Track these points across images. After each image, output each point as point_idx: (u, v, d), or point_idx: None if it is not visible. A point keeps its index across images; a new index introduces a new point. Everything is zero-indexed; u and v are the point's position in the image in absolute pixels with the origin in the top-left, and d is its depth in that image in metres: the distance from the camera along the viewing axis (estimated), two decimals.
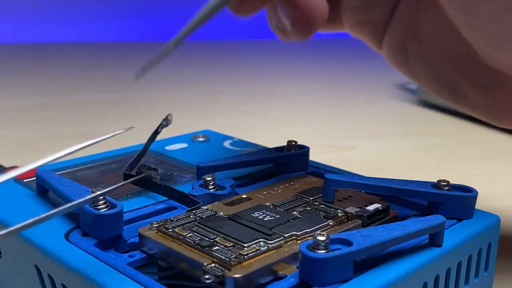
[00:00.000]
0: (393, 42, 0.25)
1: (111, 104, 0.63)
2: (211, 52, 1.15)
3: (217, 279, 0.16)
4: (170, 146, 0.31)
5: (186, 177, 0.26)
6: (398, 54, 0.25)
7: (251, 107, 0.64)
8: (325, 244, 0.16)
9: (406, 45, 0.25)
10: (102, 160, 0.28)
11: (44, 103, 0.64)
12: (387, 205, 0.21)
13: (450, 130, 0.54)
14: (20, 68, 0.92)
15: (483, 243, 0.21)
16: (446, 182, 0.21)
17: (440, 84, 0.25)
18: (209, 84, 0.79)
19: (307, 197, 0.22)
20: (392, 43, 0.25)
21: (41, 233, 0.19)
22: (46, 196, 0.23)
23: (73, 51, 1.12)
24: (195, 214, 0.20)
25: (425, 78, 0.25)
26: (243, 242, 0.18)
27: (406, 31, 0.25)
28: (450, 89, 0.24)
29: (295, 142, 0.27)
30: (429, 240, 0.19)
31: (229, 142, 0.32)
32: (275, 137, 0.50)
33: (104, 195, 0.19)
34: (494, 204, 0.34)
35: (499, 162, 0.44)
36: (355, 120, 0.58)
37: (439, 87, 0.25)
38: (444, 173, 0.41)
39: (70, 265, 0.17)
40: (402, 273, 0.17)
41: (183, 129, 0.35)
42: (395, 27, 0.25)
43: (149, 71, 0.17)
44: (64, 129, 0.52)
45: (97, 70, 0.90)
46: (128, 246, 0.20)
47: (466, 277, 0.21)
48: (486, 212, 0.22)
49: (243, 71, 0.92)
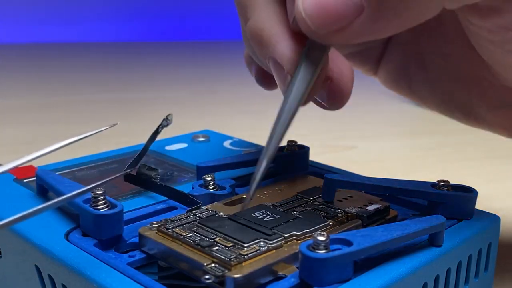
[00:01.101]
0: (392, 69, 0.25)
1: (111, 104, 0.63)
2: (211, 52, 1.15)
3: (217, 279, 0.16)
4: (170, 146, 0.31)
5: (186, 177, 0.26)
6: (399, 80, 0.25)
7: (251, 107, 0.64)
8: (325, 244, 0.16)
9: (408, 71, 0.24)
10: (102, 160, 0.28)
11: (44, 103, 0.64)
12: (387, 205, 0.21)
13: (450, 130, 0.54)
14: (20, 68, 0.92)
15: (483, 243, 0.21)
16: (446, 182, 0.21)
17: (450, 105, 0.24)
18: (210, 84, 0.79)
19: (307, 197, 0.22)
20: (391, 70, 0.25)
21: (41, 233, 0.19)
22: (46, 196, 0.23)
23: (73, 51, 1.12)
24: (195, 214, 0.20)
25: (432, 101, 0.25)
26: (243, 242, 0.18)
27: (407, 58, 0.24)
28: (463, 111, 0.24)
29: (295, 142, 0.27)
30: (429, 240, 0.19)
31: (229, 142, 0.32)
32: None
33: (98, 187, 0.19)
34: (494, 204, 0.34)
35: (499, 162, 0.44)
36: (355, 120, 0.58)
37: (448, 108, 0.24)
38: (444, 173, 0.41)
39: (70, 265, 0.17)
40: (402, 273, 0.17)
41: (183, 129, 0.35)
42: (393, 55, 0.25)
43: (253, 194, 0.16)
44: (64, 129, 0.52)
45: (97, 70, 0.90)
46: (128, 246, 0.20)
47: (466, 277, 0.21)
48: (486, 212, 0.22)
49: (243, 71, 0.91)
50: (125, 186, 0.24)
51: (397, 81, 0.25)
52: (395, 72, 0.25)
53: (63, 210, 0.21)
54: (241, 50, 0.24)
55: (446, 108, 0.25)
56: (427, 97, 0.25)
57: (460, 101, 0.24)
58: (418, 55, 0.24)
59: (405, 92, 0.26)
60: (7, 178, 0.25)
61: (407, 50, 0.24)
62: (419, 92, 0.25)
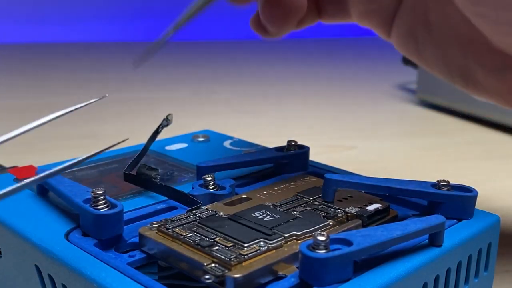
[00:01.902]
0: (403, 30, 0.25)
1: (111, 104, 0.63)
2: (211, 52, 1.15)
3: (217, 279, 0.16)
4: (170, 146, 0.31)
5: (186, 177, 0.26)
6: (408, 41, 0.25)
7: (251, 107, 0.64)
8: (325, 244, 0.16)
9: (415, 32, 0.25)
10: (102, 160, 0.28)
11: (44, 103, 0.64)
12: (387, 205, 0.21)
13: (450, 130, 0.54)
14: (20, 68, 0.92)
15: (483, 243, 0.21)
16: (446, 182, 0.21)
17: (451, 69, 0.24)
18: (209, 84, 0.79)
19: (307, 197, 0.22)
20: (401, 31, 0.25)
21: (41, 233, 0.19)
22: (46, 196, 0.23)
23: (73, 51, 1.12)
24: (195, 214, 0.20)
25: (436, 64, 0.25)
26: (243, 242, 0.18)
27: (415, 18, 0.25)
28: (461, 74, 0.24)
29: (295, 142, 0.27)
30: (429, 240, 0.19)
31: (229, 142, 0.32)
32: (275, 137, 0.50)
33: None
34: (494, 204, 0.34)
35: (499, 162, 0.44)
36: (355, 120, 0.58)
37: (450, 72, 0.25)
38: (444, 173, 0.41)
39: (70, 265, 0.17)
40: (402, 273, 0.17)
41: (183, 129, 0.35)
42: (404, 15, 0.25)
43: (146, 60, 0.17)
44: (64, 129, 0.52)
45: (96, 70, 0.90)
46: (128, 246, 0.20)
47: (466, 277, 0.21)
48: (486, 212, 0.22)
49: (243, 71, 0.92)
50: (125, 186, 0.24)
51: (407, 43, 0.26)
52: (405, 33, 0.25)
53: (63, 210, 0.21)
54: (241, 50, 0.24)
55: (448, 73, 0.25)
56: (432, 60, 0.25)
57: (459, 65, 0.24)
58: (425, 16, 0.25)
59: (414, 56, 0.26)
60: (7, 178, 0.25)
61: (416, 10, 0.25)
62: (425, 55, 0.25)
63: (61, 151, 0.45)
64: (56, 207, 0.22)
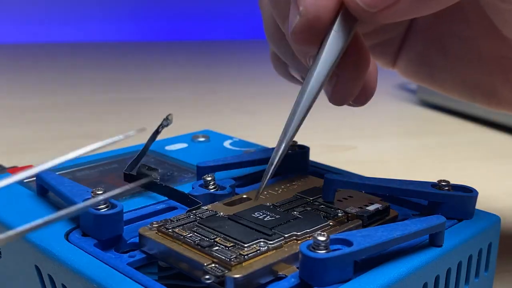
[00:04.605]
0: (413, 58, 0.25)
1: (111, 104, 0.63)
2: (211, 52, 1.15)
3: (217, 279, 0.16)
4: (170, 146, 0.31)
5: (186, 177, 0.26)
6: (419, 68, 0.25)
7: (251, 107, 0.64)
8: (325, 244, 0.16)
9: (429, 58, 0.24)
10: (102, 160, 0.28)
11: (44, 103, 0.64)
12: (387, 205, 0.21)
13: (450, 130, 0.54)
14: (20, 68, 0.92)
15: (483, 243, 0.21)
16: (446, 182, 0.21)
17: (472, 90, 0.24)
18: (209, 84, 0.79)
19: (307, 197, 0.22)
20: (411, 59, 0.25)
21: (41, 233, 0.19)
22: (46, 196, 0.23)
23: (73, 51, 1.12)
24: (195, 214, 0.20)
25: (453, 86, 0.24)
26: (243, 242, 0.18)
27: (427, 45, 0.24)
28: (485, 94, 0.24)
29: (295, 142, 0.27)
30: (429, 240, 0.19)
31: (229, 142, 0.32)
32: (275, 137, 0.50)
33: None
34: (494, 204, 0.34)
35: (499, 162, 0.44)
36: (355, 120, 0.58)
37: (470, 93, 0.24)
38: (444, 173, 0.41)
39: (70, 265, 0.17)
40: (402, 273, 0.17)
41: (183, 129, 0.35)
42: (414, 43, 0.25)
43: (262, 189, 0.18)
44: (64, 129, 0.52)
45: (97, 70, 0.90)
46: (128, 246, 0.20)
47: (467, 277, 0.21)
48: (486, 212, 0.22)
49: (243, 71, 0.92)
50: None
51: (418, 70, 0.25)
52: (416, 60, 0.25)
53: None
54: (241, 50, 0.24)
55: (468, 93, 0.24)
56: (449, 83, 0.25)
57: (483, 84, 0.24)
58: (438, 41, 0.24)
59: (426, 81, 0.26)
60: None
61: (428, 36, 0.24)
62: (440, 79, 0.25)
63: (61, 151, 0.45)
64: (56, 207, 0.22)
